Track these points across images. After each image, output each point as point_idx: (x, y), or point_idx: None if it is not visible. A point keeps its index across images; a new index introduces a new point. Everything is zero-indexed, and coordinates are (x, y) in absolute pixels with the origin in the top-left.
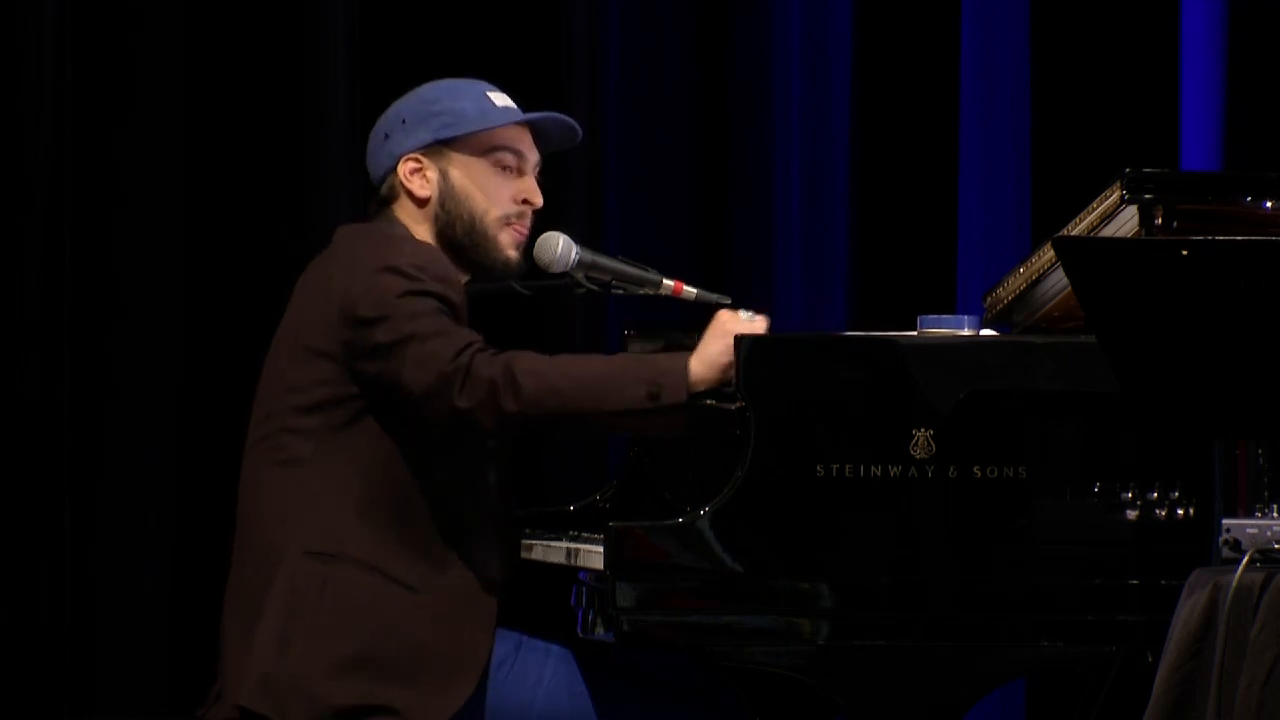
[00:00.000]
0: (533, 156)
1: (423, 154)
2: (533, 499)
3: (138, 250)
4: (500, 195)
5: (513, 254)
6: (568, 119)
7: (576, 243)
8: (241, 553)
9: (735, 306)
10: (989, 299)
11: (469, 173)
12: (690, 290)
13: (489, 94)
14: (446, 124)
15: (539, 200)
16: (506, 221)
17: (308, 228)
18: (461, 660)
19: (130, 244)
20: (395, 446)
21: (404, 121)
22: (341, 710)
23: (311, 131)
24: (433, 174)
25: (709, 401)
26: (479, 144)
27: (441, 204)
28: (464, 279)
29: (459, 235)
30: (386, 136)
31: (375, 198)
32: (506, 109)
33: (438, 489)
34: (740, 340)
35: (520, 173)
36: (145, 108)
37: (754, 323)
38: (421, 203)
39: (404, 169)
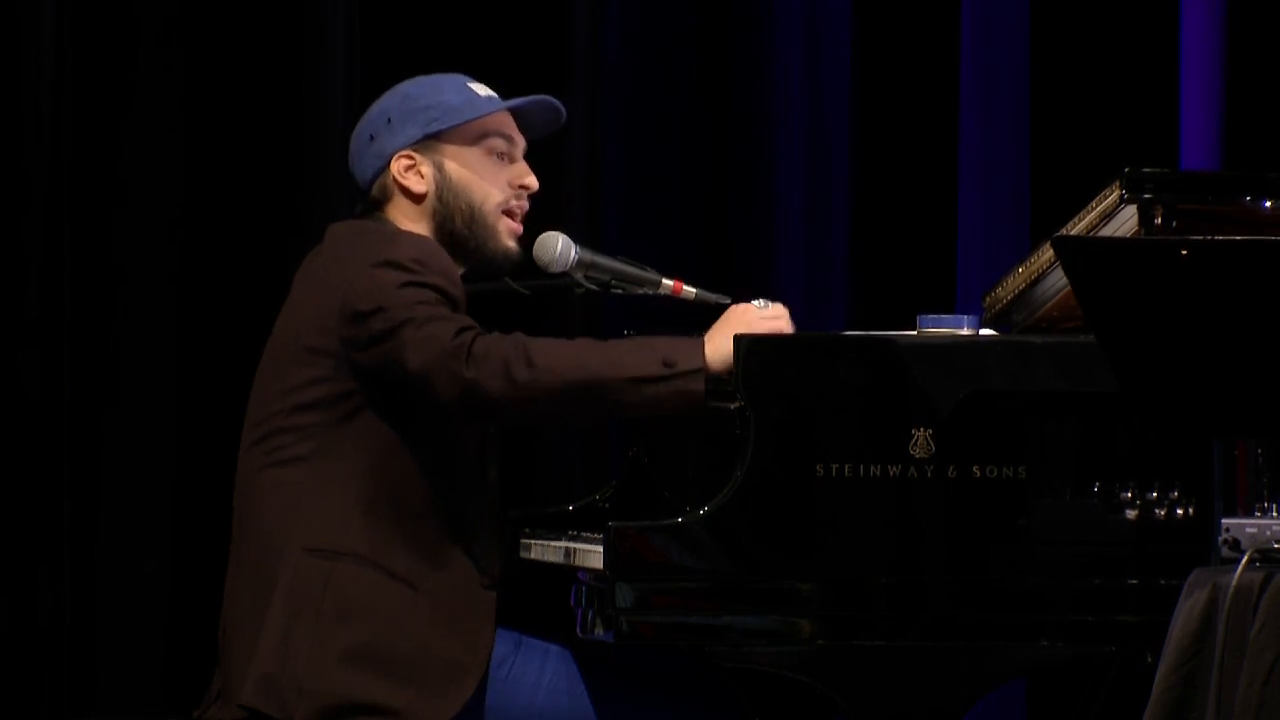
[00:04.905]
0: (521, 142)
1: (414, 150)
2: (533, 499)
3: (138, 248)
4: (497, 181)
5: (511, 244)
6: (552, 100)
7: (576, 242)
8: (240, 553)
9: (746, 299)
10: (989, 299)
11: (464, 162)
12: (690, 290)
13: (470, 85)
14: (435, 117)
15: (535, 183)
16: (505, 208)
17: (307, 227)
18: (462, 662)
19: (130, 242)
20: (395, 442)
21: (389, 120)
22: (344, 708)
23: (311, 131)
24: (427, 169)
25: (712, 404)
26: (469, 133)
27: (439, 197)
28: (460, 272)
29: (459, 227)
30: (372, 138)
31: (364, 201)
32: (490, 97)
33: (437, 485)
34: (740, 340)
35: (512, 159)
36: (145, 106)
37: (769, 311)
38: (418, 199)
39: (397, 166)
